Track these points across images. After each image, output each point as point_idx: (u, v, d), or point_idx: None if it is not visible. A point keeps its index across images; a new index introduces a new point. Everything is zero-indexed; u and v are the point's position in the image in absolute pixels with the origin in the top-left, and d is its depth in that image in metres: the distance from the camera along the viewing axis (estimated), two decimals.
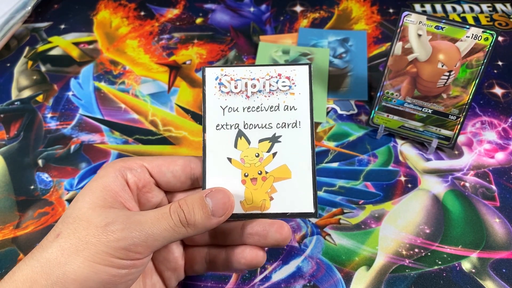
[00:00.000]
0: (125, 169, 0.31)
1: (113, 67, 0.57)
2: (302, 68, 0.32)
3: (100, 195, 0.28)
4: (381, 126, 0.49)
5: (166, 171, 0.32)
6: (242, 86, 0.32)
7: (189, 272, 0.34)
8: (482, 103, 0.53)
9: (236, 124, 0.32)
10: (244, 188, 0.31)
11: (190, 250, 0.34)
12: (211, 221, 0.29)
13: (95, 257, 0.26)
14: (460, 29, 0.43)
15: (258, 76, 0.32)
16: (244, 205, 0.31)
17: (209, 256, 0.33)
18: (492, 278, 0.39)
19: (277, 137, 0.32)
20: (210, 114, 0.32)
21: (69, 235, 0.27)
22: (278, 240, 0.31)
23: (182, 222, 0.28)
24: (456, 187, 0.45)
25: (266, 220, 0.31)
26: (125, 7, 0.65)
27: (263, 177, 0.31)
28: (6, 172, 0.47)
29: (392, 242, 0.42)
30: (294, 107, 0.32)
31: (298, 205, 0.31)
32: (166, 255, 0.33)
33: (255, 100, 0.32)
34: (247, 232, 0.32)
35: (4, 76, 0.56)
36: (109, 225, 0.26)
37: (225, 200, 0.29)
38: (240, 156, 0.32)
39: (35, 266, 0.26)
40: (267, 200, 0.31)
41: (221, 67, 0.33)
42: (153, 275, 0.33)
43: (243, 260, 0.32)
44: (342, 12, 0.64)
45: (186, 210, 0.28)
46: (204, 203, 0.29)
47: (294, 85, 0.32)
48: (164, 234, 0.27)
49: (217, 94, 0.32)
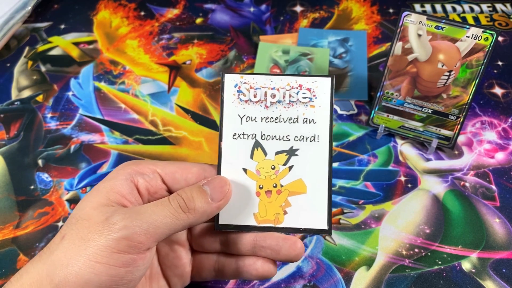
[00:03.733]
0: (136, 173, 0.30)
1: (113, 67, 0.57)
2: (325, 80, 0.31)
3: (105, 195, 0.29)
4: (381, 126, 0.49)
5: (180, 178, 0.31)
6: (262, 95, 0.31)
7: (195, 278, 0.34)
8: (482, 103, 0.53)
9: (254, 134, 0.31)
10: (258, 200, 0.31)
11: (199, 257, 0.34)
12: (211, 206, 0.29)
13: (97, 254, 0.26)
14: (460, 29, 0.43)
15: (279, 86, 0.31)
16: (257, 218, 0.31)
17: (218, 264, 0.33)
18: (492, 278, 0.39)
19: (295, 150, 0.31)
20: (227, 122, 0.31)
21: (72, 236, 0.27)
22: (290, 256, 0.31)
23: (182, 207, 0.28)
24: (456, 187, 0.45)
25: (279, 235, 0.31)
26: (125, 7, 0.65)
27: (278, 190, 0.31)
28: (6, 172, 0.47)
29: (392, 242, 0.42)
30: (313, 120, 0.31)
31: (312, 221, 0.30)
32: (174, 260, 0.33)
33: (274, 111, 0.31)
34: (259, 245, 0.32)
35: (4, 76, 0.56)
36: (109, 218, 0.27)
37: (222, 184, 0.30)
38: (256, 168, 0.31)
39: (41, 269, 0.26)
40: (280, 214, 0.31)
41: (240, 74, 0.32)
42: (160, 279, 0.33)
43: (255, 272, 0.32)
44: (342, 12, 0.64)
45: (185, 196, 0.29)
46: (202, 189, 0.29)
47: (315, 97, 0.31)
48: (165, 220, 0.28)
49: (235, 102, 0.32)
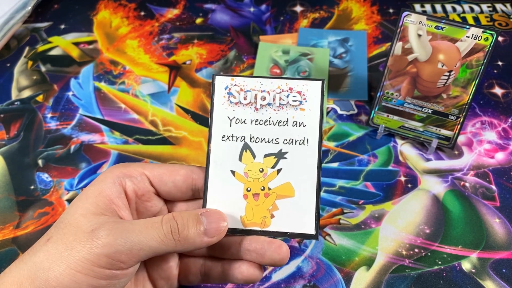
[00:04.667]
0: (124, 176, 0.30)
1: (113, 67, 0.57)
2: (315, 84, 0.31)
3: (94, 201, 0.28)
4: (381, 126, 0.49)
5: (168, 180, 0.31)
6: (252, 97, 0.31)
7: (183, 282, 0.34)
8: (482, 103, 0.53)
9: (243, 137, 0.31)
10: (246, 203, 0.31)
11: (185, 260, 0.34)
12: (202, 239, 0.28)
13: (77, 265, 0.25)
14: (460, 29, 0.43)
15: (269, 88, 0.31)
16: (244, 221, 0.30)
17: (204, 268, 0.33)
18: (492, 278, 0.39)
19: (283, 153, 0.31)
20: (216, 124, 0.31)
21: (57, 240, 0.27)
22: (275, 260, 0.31)
23: (173, 233, 0.27)
24: (456, 187, 0.45)
25: (265, 238, 0.31)
26: (125, 7, 0.65)
27: (266, 193, 0.31)
28: (6, 172, 0.47)
29: (392, 242, 0.42)
30: (303, 124, 0.31)
31: (299, 226, 0.30)
32: (161, 263, 0.33)
33: (264, 114, 0.31)
34: (245, 248, 0.31)
35: (4, 76, 0.56)
36: (95, 231, 0.26)
37: (220, 220, 0.29)
38: (244, 170, 0.31)
39: (23, 269, 0.26)
40: (267, 217, 0.30)
41: (231, 77, 0.32)
42: (145, 283, 0.33)
43: (240, 276, 0.31)
44: (342, 12, 0.64)
45: (180, 222, 0.28)
46: (199, 219, 0.28)
47: (305, 100, 0.31)
48: (151, 243, 0.27)
49: (225, 104, 0.32)
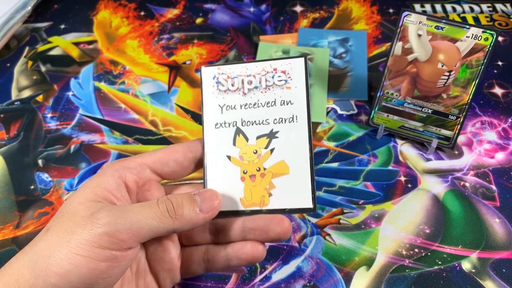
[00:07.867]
0: (123, 168, 0.31)
1: (113, 67, 0.57)
2: (298, 61, 0.32)
3: (92, 191, 0.29)
4: (381, 126, 0.49)
5: (168, 160, 0.32)
6: (239, 83, 0.32)
7: (185, 274, 0.34)
8: (482, 103, 0.53)
9: (234, 122, 0.32)
10: (243, 185, 0.31)
11: (188, 250, 0.34)
12: (198, 216, 0.29)
13: (78, 247, 0.26)
14: (460, 29, 0.43)
15: (254, 72, 0.32)
16: (244, 202, 0.31)
17: (207, 255, 0.33)
18: (492, 278, 0.39)
19: (275, 133, 0.31)
20: (208, 114, 0.32)
21: (57, 228, 0.27)
22: (279, 234, 0.32)
23: (169, 211, 0.28)
24: (456, 187, 0.45)
25: (266, 215, 0.32)
26: (125, 7, 0.65)
27: (262, 173, 0.31)
28: (6, 172, 0.47)
29: (392, 242, 0.42)
30: (290, 102, 0.32)
31: (297, 201, 0.31)
32: (162, 254, 0.33)
33: (252, 97, 0.32)
34: (248, 227, 0.32)
35: (4, 76, 0.56)
36: (94, 214, 0.27)
37: (213, 197, 0.30)
38: (239, 154, 0.32)
39: (24, 259, 0.26)
40: (266, 196, 0.31)
41: (217, 66, 0.32)
42: (147, 276, 0.33)
43: (244, 256, 0.32)
44: (342, 12, 0.64)
45: (174, 201, 0.29)
46: (192, 198, 0.29)
47: (290, 79, 0.32)
48: (149, 222, 0.27)
49: (215, 93, 0.32)
